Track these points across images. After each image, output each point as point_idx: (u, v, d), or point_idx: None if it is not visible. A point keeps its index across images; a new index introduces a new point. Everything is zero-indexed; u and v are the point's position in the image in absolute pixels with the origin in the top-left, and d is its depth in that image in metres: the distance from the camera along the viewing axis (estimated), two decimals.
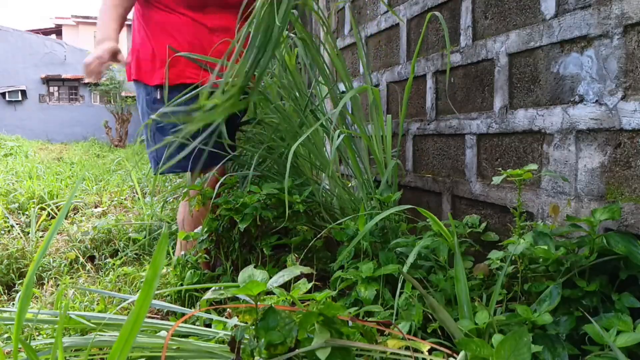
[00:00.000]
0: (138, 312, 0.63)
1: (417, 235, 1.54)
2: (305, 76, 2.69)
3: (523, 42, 1.42)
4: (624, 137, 1.14)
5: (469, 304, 1.07)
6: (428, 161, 1.95)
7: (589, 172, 1.23)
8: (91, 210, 3.75)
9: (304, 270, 0.81)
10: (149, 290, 0.63)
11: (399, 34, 2.15)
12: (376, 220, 1.36)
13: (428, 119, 1.92)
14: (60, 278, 2.27)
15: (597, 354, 0.94)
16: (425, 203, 1.95)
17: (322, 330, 0.79)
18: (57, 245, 2.83)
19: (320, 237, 1.75)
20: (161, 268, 0.63)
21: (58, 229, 1.05)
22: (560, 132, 1.30)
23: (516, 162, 1.47)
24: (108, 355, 0.63)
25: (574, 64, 1.26)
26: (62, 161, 7.55)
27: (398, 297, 1.19)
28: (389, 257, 1.41)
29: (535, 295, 1.11)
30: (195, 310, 1.11)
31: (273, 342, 0.76)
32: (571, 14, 1.26)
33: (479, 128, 1.61)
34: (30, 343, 1.00)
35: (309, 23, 3.48)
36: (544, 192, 1.36)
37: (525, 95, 1.44)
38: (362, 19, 2.54)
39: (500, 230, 1.54)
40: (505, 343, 0.76)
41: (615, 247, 1.04)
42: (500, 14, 1.54)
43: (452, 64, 1.74)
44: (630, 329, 0.94)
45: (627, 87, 1.13)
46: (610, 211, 1.09)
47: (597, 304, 1.06)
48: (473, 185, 1.64)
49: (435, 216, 1.30)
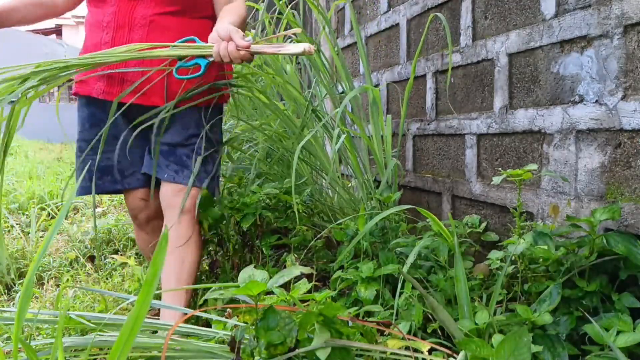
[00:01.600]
0: (138, 312, 0.63)
1: (417, 236, 1.54)
2: (305, 76, 2.70)
3: (523, 42, 1.42)
4: (624, 137, 1.14)
5: (469, 304, 1.07)
6: (428, 161, 1.95)
7: (589, 172, 1.23)
8: (91, 210, 3.75)
9: (304, 271, 0.81)
10: (149, 290, 0.63)
11: (399, 34, 2.15)
12: (376, 220, 1.36)
13: (428, 119, 1.92)
14: (60, 278, 2.27)
15: (597, 354, 0.94)
16: (425, 203, 1.95)
17: (322, 330, 0.79)
18: (57, 245, 2.83)
19: (320, 237, 1.75)
20: (161, 268, 0.63)
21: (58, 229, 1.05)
22: (560, 132, 1.30)
23: (516, 162, 1.47)
24: (108, 355, 0.63)
25: (574, 64, 1.26)
26: (62, 161, 7.55)
27: (398, 297, 1.19)
28: (389, 257, 1.41)
29: (535, 295, 1.11)
30: (196, 310, 1.11)
31: (273, 342, 0.76)
32: (571, 14, 1.26)
33: (479, 128, 1.61)
34: (30, 343, 1.00)
35: (309, 22, 3.48)
36: (544, 192, 1.36)
37: (525, 95, 1.44)
38: (362, 18, 2.54)
39: (500, 230, 1.54)
40: (505, 343, 0.76)
41: (615, 247, 1.04)
42: (500, 14, 1.54)
43: (452, 64, 1.74)
44: (630, 329, 0.94)
45: (627, 87, 1.13)
46: (610, 211, 1.09)
47: (597, 304, 1.06)
48: (473, 185, 1.64)
49: (435, 216, 1.30)
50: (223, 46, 1.33)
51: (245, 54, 1.33)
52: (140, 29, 1.50)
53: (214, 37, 1.38)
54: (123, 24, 1.51)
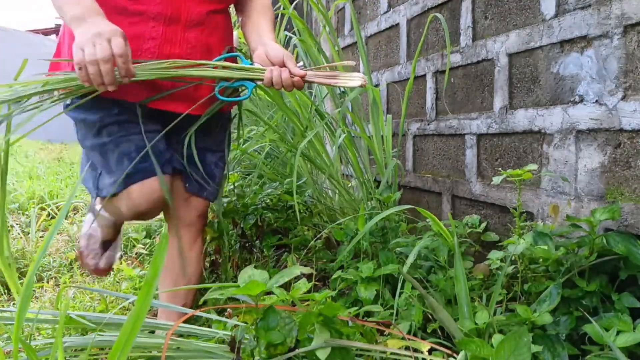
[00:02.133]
0: (138, 312, 0.63)
1: (417, 236, 1.54)
2: None
3: (523, 42, 1.42)
4: (623, 137, 1.14)
5: (469, 304, 1.07)
6: (428, 161, 1.95)
7: (588, 172, 1.23)
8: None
9: (304, 271, 0.81)
10: (149, 290, 0.63)
11: (399, 34, 2.15)
12: (376, 220, 1.37)
13: (428, 119, 1.92)
14: (60, 278, 2.27)
15: (597, 354, 0.94)
16: (425, 203, 1.95)
17: (322, 330, 0.79)
18: (57, 245, 2.83)
19: (320, 237, 1.75)
20: (161, 268, 0.63)
21: (58, 229, 1.05)
22: (560, 132, 1.30)
23: (516, 162, 1.47)
24: (108, 355, 0.63)
25: (574, 64, 1.26)
26: (62, 161, 7.55)
27: (398, 297, 1.19)
28: (388, 257, 1.42)
29: (535, 296, 1.11)
30: (196, 310, 1.12)
31: (273, 342, 0.76)
32: (571, 14, 1.26)
33: (479, 128, 1.61)
34: (30, 343, 1.00)
35: (310, 22, 3.48)
36: (543, 192, 1.36)
37: (525, 96, 1.44)
38: (362, 18, 2.54)
39: (500, 230, 1.54)
40: (505, 343, 0.76)
41: (615, 247, 1.04)
42: (500, 14, 1.54)
43: (452, 64, 1.74)
44: (630, 329, 0.94)
45: (627, 88, 1.13)
46: (610, 211, 1.09)
47: (597, 304, 1.06)
48: (473, 185, 1.64)
49: (435, 216, 1.30)
50: (276, 74, 1.24)
51: (298, 82, 1.26)
52: (196, 28, 1.33)
53: (264, 60, 1.29)
54: (177, 18, 1.30)
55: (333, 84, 1.27)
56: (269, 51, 1.29)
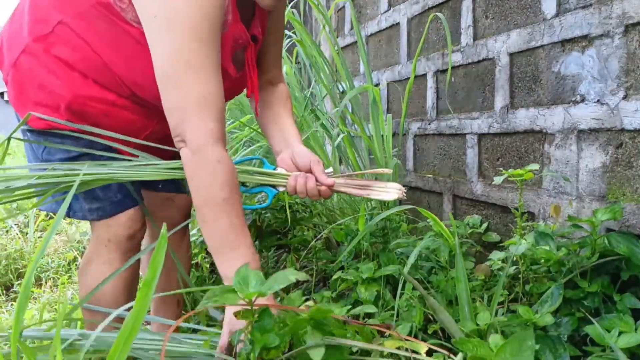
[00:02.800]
0: (137, 313, 0.63)
1: (417, 236, 1.54)
2: (305, 75, 2.69)
3: (524, 41, 1.41)
4: (625, 137, 1.14)
5: (470, 304, 1.07)
6: (429, 161, 1.94)
7: (590, 172, 1.23)
8: None
9: (299, 277, 0.79)
10: (147, 291, 0.62)
11: (399, 33, 2.14)
12: (376, 221, 1.36)
13: (429, 118, 1.91)
14: (58, 278, 2.26)
15: (598, 355, 0.93)
16: (426, 203, 1.95)
17: (314, 333, 0.79)
18: (55, 245, 2.83)
19: (320, 238, 1.74)
20: (160, 269, 0.62)
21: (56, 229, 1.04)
22: (561, 132, 1.30)
23: (517, 162, 1.47)
24: (107, 356, 0.63)
25: (575, 64, 1.26)
26: None
27: (399, 298, 1.18)
28: (389, 257, 1.41)
29: (537, 296, 1.11)
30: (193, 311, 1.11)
31: (268, 345, 0.76)
32: (572, 13, 1.25)
33: (480, 128, 1.61)
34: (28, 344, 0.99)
35: (309, 22, 3.48)
36: (545, 192, 1.36)
37: (526, 95, 1.44)
38: (362, 18, 2.54)
39: (502, 230, 1.53)
40: (507, 346, 0.75)
41: (617, 248, 1.03)
42: (501, 13, 1.53)
43: (453, 63, 1.73)
44: (632, 329, 0.93)
45: (628, 87, 1.12)
46: (612, 211, 1.08)
47: (599, 304, 1.05)
48: (474, 185, 1.64)
49: (436, 216, 1.29)
50: (301, 182, 1.12)
51: (325, 192, 1.12)
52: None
53: (289, 165, 1.18)
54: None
55: (365, 196, 1.14)
56: (294, 156, 1.18)
